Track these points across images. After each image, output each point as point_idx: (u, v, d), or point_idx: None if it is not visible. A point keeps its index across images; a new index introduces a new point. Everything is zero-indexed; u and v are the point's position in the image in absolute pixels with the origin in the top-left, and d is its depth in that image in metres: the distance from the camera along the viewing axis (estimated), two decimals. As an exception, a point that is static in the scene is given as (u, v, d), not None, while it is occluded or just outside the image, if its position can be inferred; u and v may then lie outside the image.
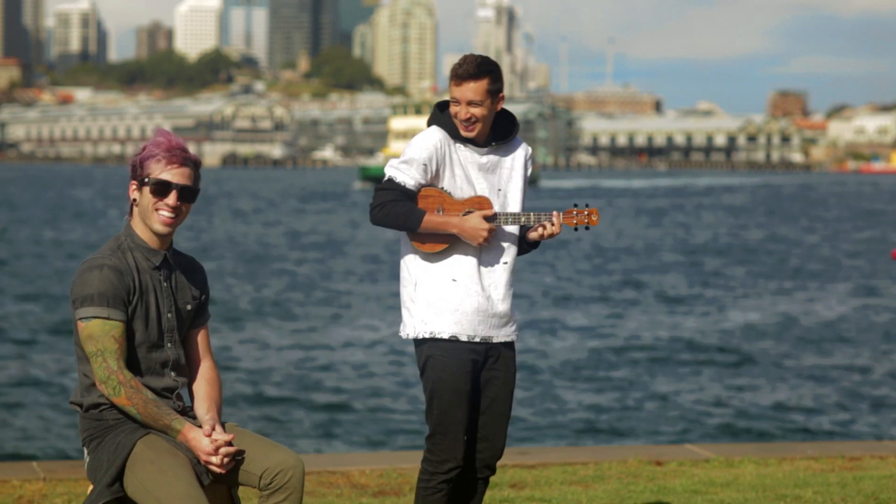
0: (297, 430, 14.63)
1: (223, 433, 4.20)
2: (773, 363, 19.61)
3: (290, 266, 35.36)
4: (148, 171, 4.26)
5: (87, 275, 4.18)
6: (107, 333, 4.13)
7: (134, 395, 4.13)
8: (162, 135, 4.32)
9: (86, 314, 4.15)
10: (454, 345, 4.74)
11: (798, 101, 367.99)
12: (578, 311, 25.95)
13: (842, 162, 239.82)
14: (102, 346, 4.13)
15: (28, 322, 22.97)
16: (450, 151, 4.74)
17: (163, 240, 4.31)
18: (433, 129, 4.78)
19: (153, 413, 4.15)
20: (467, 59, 4.72)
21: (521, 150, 4.89)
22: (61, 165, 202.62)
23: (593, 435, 14.53)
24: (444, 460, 4.80)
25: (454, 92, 4.70)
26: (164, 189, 4.25)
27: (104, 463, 4.18)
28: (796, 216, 68.28)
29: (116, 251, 4.25)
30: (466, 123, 4.72)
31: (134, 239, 4.29)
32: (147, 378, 4.24)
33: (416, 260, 4.79)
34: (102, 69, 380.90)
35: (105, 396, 4.18)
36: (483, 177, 4.78)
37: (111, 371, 4.12)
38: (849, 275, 34.99)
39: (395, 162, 4.73)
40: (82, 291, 4.16)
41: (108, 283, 4.16)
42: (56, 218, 56.55)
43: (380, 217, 4.69)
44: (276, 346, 20.80)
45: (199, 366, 4.41)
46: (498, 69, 4.76)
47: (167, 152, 4.26)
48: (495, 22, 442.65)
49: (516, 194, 4.84)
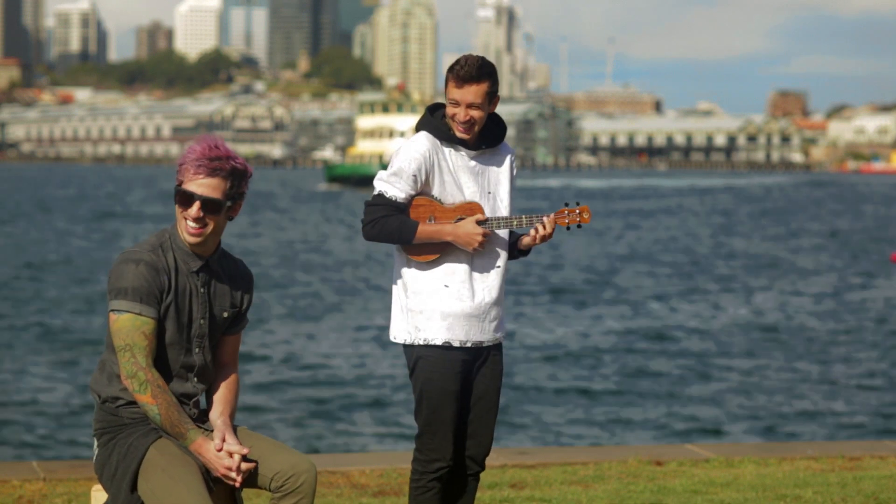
0: (297, 429, 14.63)
1: (236, 444, 4.15)
2: (772, 363, 19.61)
3: (284, 267, 35.36)
4: (180, 178, 4.19)
5: (123, 267, 4.13)
6: (137, 329, 4.09)
7: (159, 395, 4.09)
8: (201, 140, 4.22)
9: (118, 307, 4.10)
10: (446, 349, 4.75)
11: (798, 101, 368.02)
12: (578, 311, 25.95)
13: (842, 162, 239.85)
14: (132, 340, 4.09)
15: (28, 322, 22.97)
16: (438, 158, 4.71)
17: (200, 247, 4.23)
18: (421, 137, 4.74)
19: (173, 417, 4.11)
20: (468, 60, 4.68)
21: (507, 151, 4.88)
22: (61, 165, 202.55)
23: (593, 435, 14.53)
24: (433, 459, 4.81)
25: (454, 94, 4.66)
26: (188, 200, 4.17)
27: (114, 464, 4.16)
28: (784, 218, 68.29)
29: (157, 248, 4.19)
30: (465, 126, 4.69)
31: (176, 240, 4.23)
32: (169, 380, 4.20)
33: (408, 268, 4.78)
34: (102, 69, 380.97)
35: (127, 391, 4.14)
36: (472, 180, 4.76)
37: (139, 367, 4.08)
38: (849, 275, 35.00)
39: (385, 175, 4.68)
40: (117, 283, 4.12)
41: (142, 279, 4.10)
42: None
43: (373, 233, 4.66)
44: (276, 346, 20.80)
45: (222, 370, 4.36)
46: (496, 71, 4.74)
47: (195, 161, 4.16)
48: (495, 22, 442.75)
49: (505, 196, 4.82)
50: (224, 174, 4.17)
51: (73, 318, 23.44)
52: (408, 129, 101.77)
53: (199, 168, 4.15)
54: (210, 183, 4.15)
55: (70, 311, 24.42)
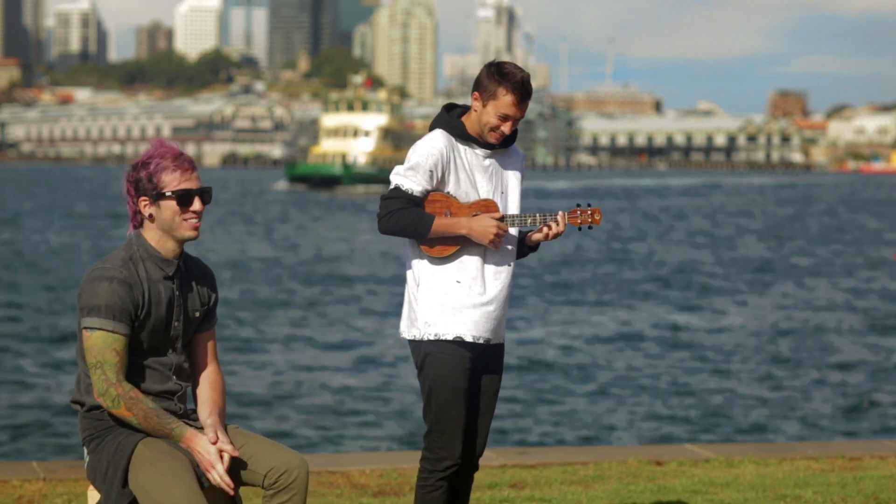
0: (297, 429, 14.62)
1: (228, 443, 4.20)
2: (772, 363, 19.61)
3: (277, 268, 35.36)
4: (163, 184, 4.21)
5: (96, 284, 4.15)
6: (109, 346, 4.13)
7: (133, 406, 4.14)
8: (161, 144, 4.28)
9: (91, 324, 4.14)
10: (455, 344, 4.77)
11: (798, 101, 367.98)
12: (577, 310, 25.96)
13: (842, 162, 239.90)
14: (103, 357, 4.12)
15: (29, 320, 22.98)
16: (454, 156, 4.77)
17: (179, 248, 4.29)
18: (437, 134, 4.79)
19: (154, 423, 4.15)
20: (524, 76, 4.74)
21: (517, 154, 4.95)
22: (61, 165, 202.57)
23: (593, 435, 14.52)
24: (442, 458, 4.83)
25: (509, 109, 4.70)
26: (190, 198, 4.23)
27: (105, 464, 4.19)
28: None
29: (128, 262, 4.22)
30: (501, 134, 4.75)
31: (147, 249, 4.25)
32: (149, 382, 4.24)
33: (421, 262, 4.81)
34: (102, 69, 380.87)
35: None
36: (486, 179, 4.81)
37: (109, 384, 4.12)
38: (849, 275, 34.99)
39: (401, 169, 4.74)
40: (90, 301, 4.15)
41: (116, 297, 4.14)
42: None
43: (389, 226, 4.70)
44: (275, 345, 20.80)
45: (203, 370, 4.39)
46: None
47: (176, 161, 4.23)
48: (495, 22, 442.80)
49: (516, 196, 4.89)
50: (195, 166, 4.30)
51: (73, 319, 23.45)
52: (373, 128, 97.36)
53: (185, 165, 4.24)
54: (196, 175, 4.27)
55: (74, 311, 24.42)
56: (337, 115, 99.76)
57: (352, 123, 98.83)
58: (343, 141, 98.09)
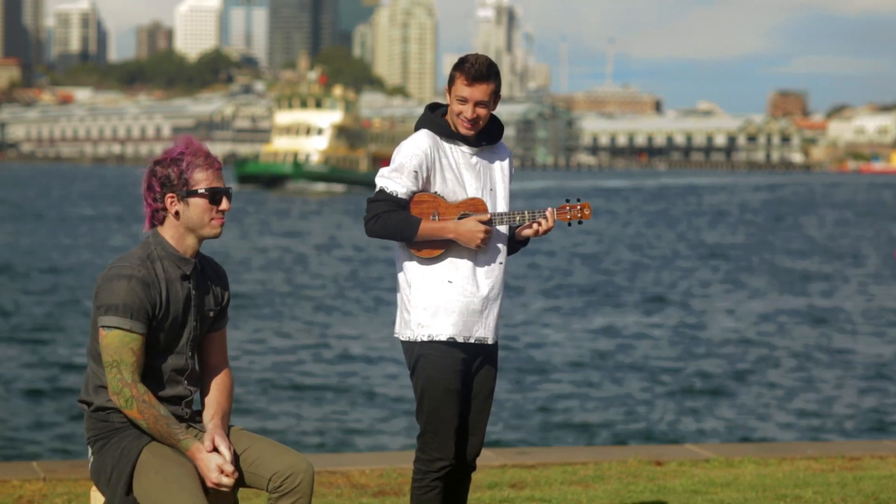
0: (297, 429, 14.62)
1: (226, 448, 4.16)
2: (772, 363, 19.60)
3: (271, 265, 35.36)
4: (194, 181, 4.21)
5: (114, 283, 4.13)
6: (126, 345, 4.10)
7: (146, 410, 4.11)
8: (190, 142, 4.27)
9: (108, 323, 4.11)
10: (448, 345, 4.76)
11: (798, 101, 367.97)
12: (576, 310, 25.95)
13: (842, 162, 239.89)
14: (119, 357, 4.10)
15: (28, 320, 22.98)
16: (439, 155, 4.75)
17: (197, 247, 4.27)
18: (421, 134, 4.78)
19: (162, 430, 4.13)
20: (478, 59, 4.75)
21: (505, 150, 4.95)
22: (61, 165, 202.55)
23: (593, 435, 14.52)
24: (435, 459, 4.82)
25: (462, 91, 4.71)
26: (219, 196, 4.23)
27: (109, 469, 4.17)
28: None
29: (146, 261, 4.19)
30: (470, 123, 4.74)
31: (165, 248, 4.23)
32: (160, 386, 4.22)
33: (412, 263, 4.80)
34: (102, 69, 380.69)
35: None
36: (474, 176, 4.80)
37: (125, 384, 4.10)
38: (849, 275, 34.99)
39: (386, 171, 4.72)
40: (108, 299, 4.12)
41: (134, 296, 4.11)
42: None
43: (375, 229, 4.69)
44: (275, 345, 20.80)
45: (213, 370, 4.38)
46: (499, 71, 4.84)
47: (207, 160, 4.24)
48: (495, 22, 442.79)
49: (504, 193, 4.87)
50: (221, 166, 4.30)
51: (76, 319, 23.45)
52: (328, 126, 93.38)
53: (214, 163, 4.25)
54: (222, 174, 4.28)
55: (78, 312, 24.42)
56: (290, 113, 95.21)
57: (305, 121, 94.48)
58: (295, 139, 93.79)
